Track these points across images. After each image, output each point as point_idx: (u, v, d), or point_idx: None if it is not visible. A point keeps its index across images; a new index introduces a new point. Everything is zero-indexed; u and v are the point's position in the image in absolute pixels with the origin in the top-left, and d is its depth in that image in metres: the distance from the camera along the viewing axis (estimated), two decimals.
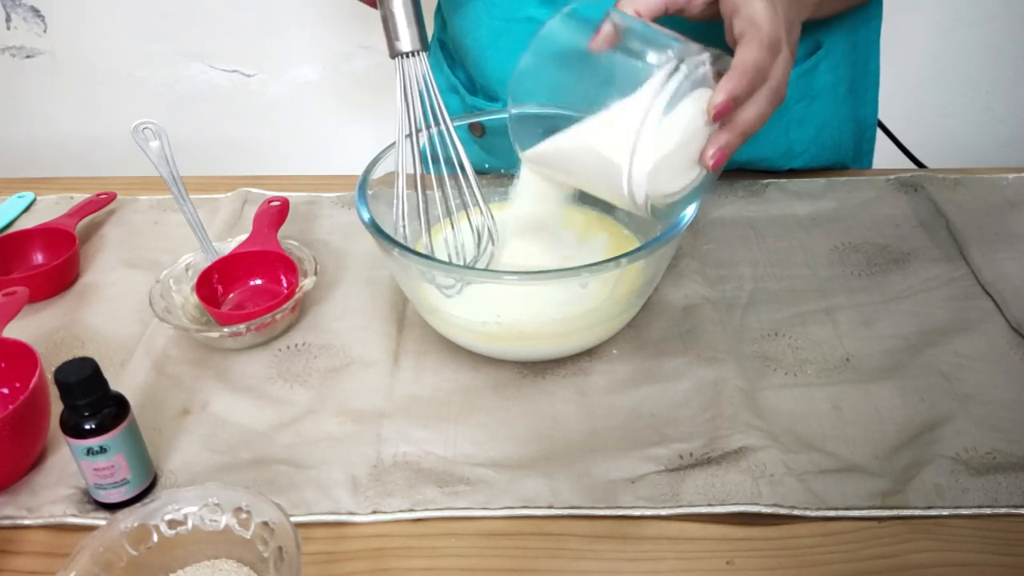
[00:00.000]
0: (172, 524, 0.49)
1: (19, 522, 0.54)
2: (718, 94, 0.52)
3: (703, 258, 0.75)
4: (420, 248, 0.64)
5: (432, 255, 0.65)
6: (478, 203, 0.64)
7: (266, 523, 0.47)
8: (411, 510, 0.54)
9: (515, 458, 0.58)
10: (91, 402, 0.51)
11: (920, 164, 0.92)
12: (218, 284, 0.71)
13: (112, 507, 0.54)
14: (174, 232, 0.81)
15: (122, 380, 0.64)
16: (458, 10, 0.84)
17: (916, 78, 1.46)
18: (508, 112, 0.58)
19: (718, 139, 0.54)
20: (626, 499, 0.54)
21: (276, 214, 0.76)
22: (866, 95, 0.87)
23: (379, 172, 0.67)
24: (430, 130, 0.63)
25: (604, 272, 0.56)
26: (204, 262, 0.72)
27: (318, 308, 0.72)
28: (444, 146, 0.64)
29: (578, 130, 0.56)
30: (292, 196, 0.82)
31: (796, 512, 0.53)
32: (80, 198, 0.85)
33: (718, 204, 0.82)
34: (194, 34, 1.44)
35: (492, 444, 0.59)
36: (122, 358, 0.67)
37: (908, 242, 0.76)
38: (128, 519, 0.48)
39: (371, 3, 0.64)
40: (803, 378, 0.63)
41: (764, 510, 0.53)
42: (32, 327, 0.70)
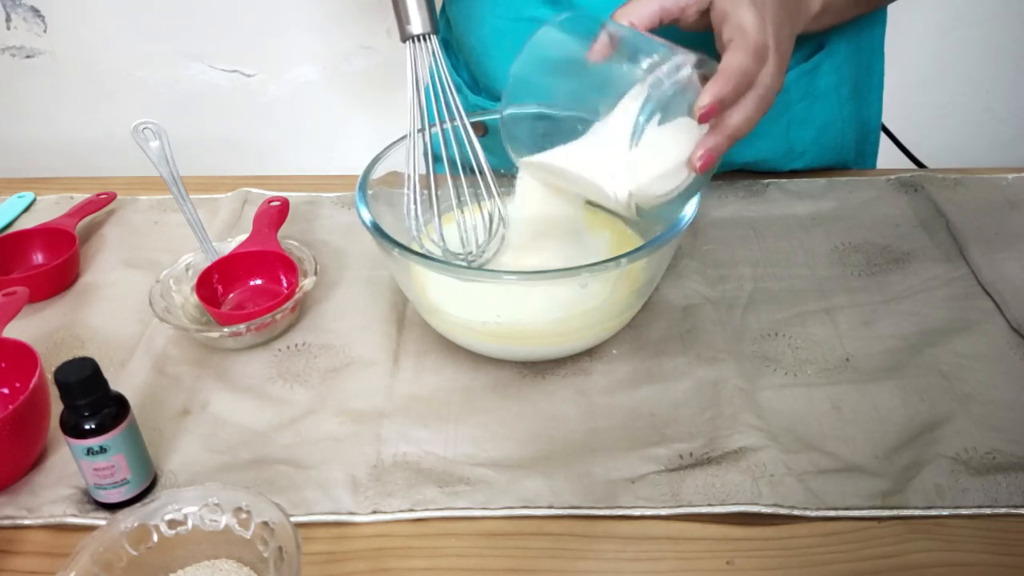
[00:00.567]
0: (172, 524, 0.49)
1: (19, 522, 0.54)
2: (704, 96, 0.53)
3: (703, 258, 0.75)
4: (432, 232, 0.64)
5: (443, 241, 0.65)
6: (490, 186, 0.64)
7: (266, 523, 0.47)
8: (411, 510, 0.54)
9: (515, 458, 0.58)
10: (91, 402, 0.51)
11: (920, 164, 0.92)
12: (218, 284, 0.71)
13: (112, 507, 0.54)
14: (174, 232, 0.81)
15: (122, 380, 0.64)
16: (462, 10, 0.84)
17: (916, 78, 1.46)
18: (500, 114, 0.59)
19: (705, 142, 0.55)
20: (626, 499, 0.54)
21: (276, 214, 0.76)
22: (870, 97, 0.86)
23: (379, 172, 0.67)
24: (440, 115, 0.63)
25: (604, 272, 0.56)
26: (204, 262, 0.72)
27: (318, 308, 0.72)
28: (456, 131, 0.64)
29: (565, 150, 0.57)
30: (292, 196, 0.82)
31: (796, 512, 0.53)
32: (80, 198, 0.85)
33: (718, 204, 0.82)
34: (194, 34, 1.44)
35: (492, 444, 0.59)
36: (122, 358, 0.67)
37: (908, 242, 0.76)
38: (128, 519, 0.48)
39: None
40: (803, 378, 0.63)
41: (764, 510, 0.53)
42: (32, 327, 0.70)
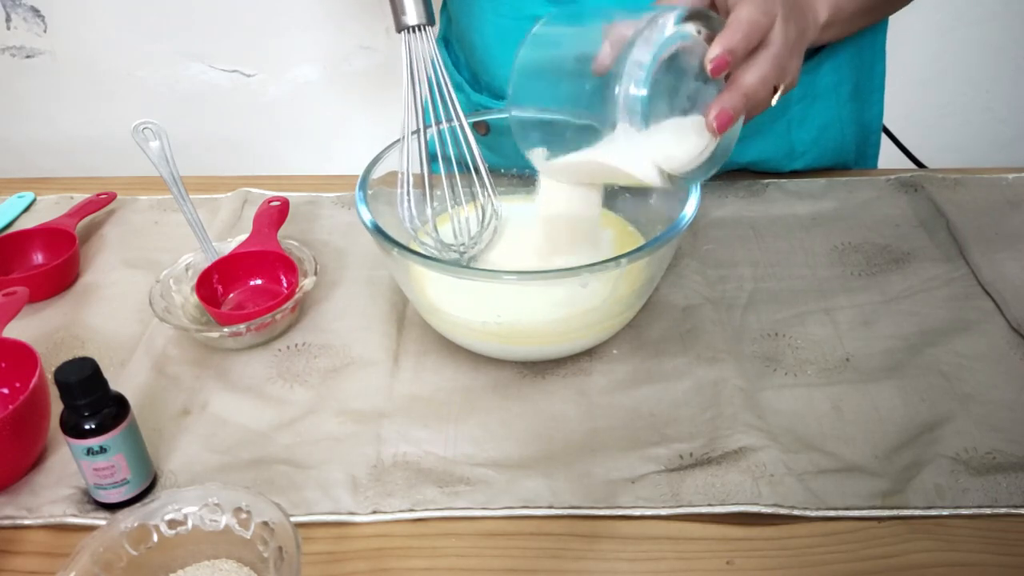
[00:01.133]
0: (172, 524, 0.49)
1: (19, 522, 0.54)
2: (714, 48, 0.51)
3: (703, 258, 0.75)
4: (424, 224, 0.64)
5: (435, 231, 0.65)
6: (483, 180, 0.64)
7: (266, 523, 0.47)
8: (411, 510, 0.54)
9: (515, 458, 0.58)
10: (91, 402, 0.51)
11: (920, 164, 0.92)
12: (218, 284, 0.71)
13: (112, 507, 0.54)
14: (174, 232, 0.81)
15: (122, 380, 0.64)
16: (465, 7, 0.83)
17: (916, 78, 1.46)
18: (508, 113, 0.58)
19: (720, 100, 0.53)
20: (626, 499, 0.54)
21: (276, 214, 0.76)
22: (871, 97, 0.86)
23: (379, 172, 0.67)
24: (435, 107, 0.63)
25: (604, 272, 0.56)
26: (204, 262, 0.72)
27: (318, 308, 0.72)
28: (449, 121, 0.63)
29: (585, 154, 0.57)
30: (292, 196, 0.82)
31: (796, 512, 0.53)
32: (80, 198, 0.85)
33: (718, 204, 0.82)
34: (194, 34, 1.44)
35: (492, 444, 0.59)
36: (122, 358, 0.67)
37: (908, 242, 0.76)
38: (128, 519, 0.48)
39: None
40: (803, 378, 0.63)
41: (764, 510, 0.53)
42: (32, 327, 0.70)
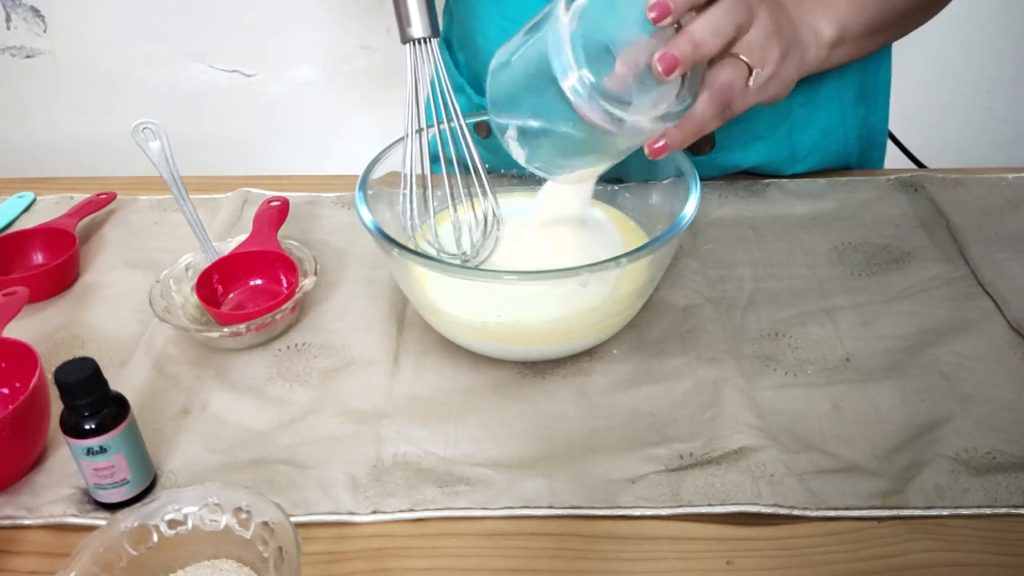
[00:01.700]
0: (172, 524, 0.49)
1: (19, 522, 0.54)
2: None
3: (703, 258, 0.75)
4: (427, 232, 0.64)
5: (437, 240, 0.65)
6: (484, 187, 0.64)
7: (266, 523, 0.47)
8: (411, 510, 0.54)
9: (515, 458, 0.58)
10: (91, 402, 0.51)
11: (920, 164, 0.92)
12: (218, 284, 0.71)
13: (112, 507, 0.54)
14: (174, 232, 0.81)
15: (122, 380, 0.64)
16: (469, 9, 0.83)
17: (916, 78, 1.46)
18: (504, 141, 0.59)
19: (668, 45, 0.53)
20: (626, 499, 0.54)
21: (276, 214, 0.76)
22: (876, 101, 0.86)
23: (379, 172, 0.67)
24: (439, 118, 0.63)
25: (604, 271, 0.56)
26: (204, 262, 0.72)
27: (318, 308, 0.72)
28: (453, 133, 0.64)
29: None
30: (292, 196, 0.82)
31: (796, 512, 0.53)
32: (80, 198, 0.85)
33: (718, 204, 0.82)
34: (194, 34, 1.44)
35: (492, 444, 0.59)
36: (122, 358, 0.67)
37: (908, 242, 0.76)
38: (128, 519, 0.48)
39: None
40: (803, 378, 0.63)
41: (764, 510, 0.53)
42: (32, 327, 0.70)
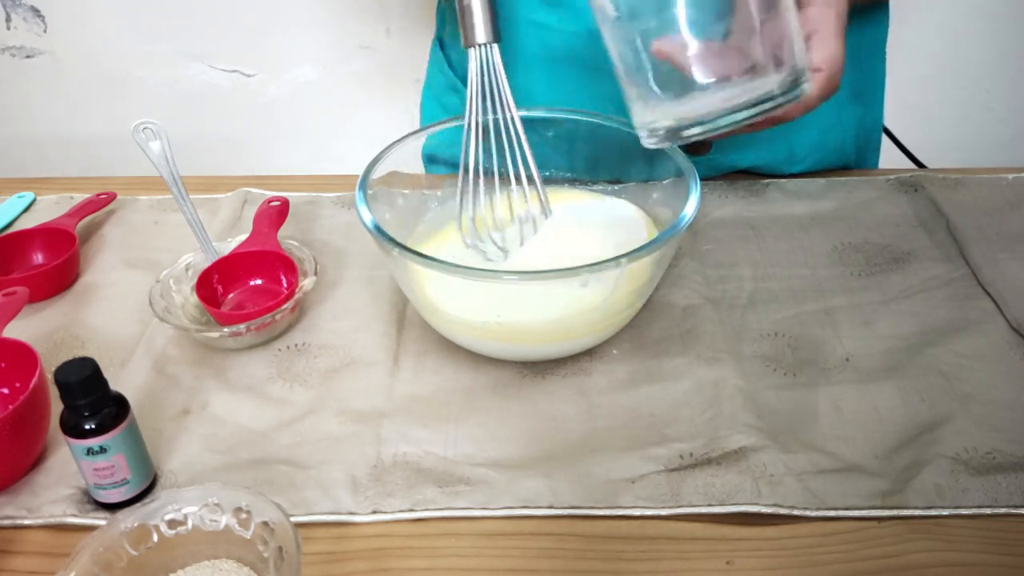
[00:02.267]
0: (172, 524, 0.49)
1: (19, 522, 0.54)
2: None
3: (703, 258, 0.75)
4: (479, 225, 0.67)
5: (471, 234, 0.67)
6: (537, 190, 0.67)
7: (266, 523, 0.47)
8: (411, 510, 0.54)
9: (515, 458, 0.58)
10: (91, 402, 0.51)
11: (920, 164, 0.92)
12: (218, 284, 0.71)
13: (112, 507, 0.54)
14: (174, 232, 0.81)
15: (122, 380, 0.64)
16: None
17: (916, 77, 1.46)
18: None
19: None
20: (626, 499, 0.54)
21: (276, 214, 0.76)
22: (872, 99, 0.86)
23: (379, 172, 0.67)
24: (496, 116, 0.67)
25: (604, 272, 0.56)
26: (204, 262, 0.72)
27: (318, 308, 0.72)
28: (507, 131, 0.66)
29: None
30: (292, 196, 0.82)
31: (796, 512, 0.53)
32: (80, 198, 0.85)
33: (718, 204, 0.82)
34: (194, 34, 1.44)
35: (492, 444, 0.59)
36: (122, 358, 0.67)
37: (908, 242, 0.76)
38: (128, 519, 0.48)
39: None
40: (803, 378, 0.63)
41: (764, 510, 0.53)
42: (32, 327, 0.70)
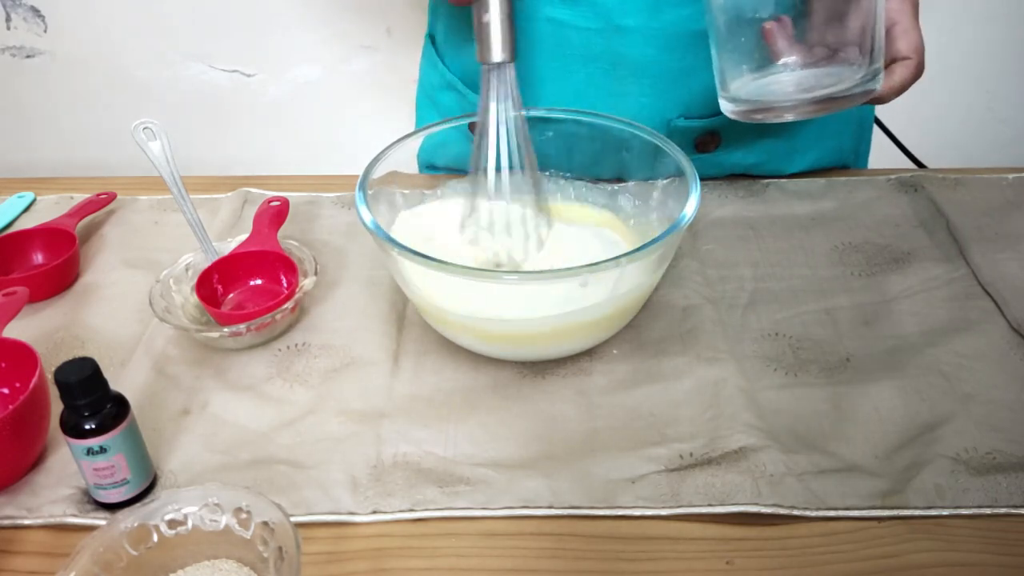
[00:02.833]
0: (172, 524, 0.49)
1: (19, 522, 0.54)
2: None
3: (703, 258, 0.75)
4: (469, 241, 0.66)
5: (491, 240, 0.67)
6: (545, 207, 0.66)
7: (266, 523, 0.47)
8: (411, 510, 0.54)
9: (515, 458, 0.58)
10: (91, 402, 0.51)
11: (920, 164, 0.92)
12: (218, 284, 0.71)
13: (112, 507, 0.54)
14: (174, 232, 0.81)
15: (122, 380, 0.64)
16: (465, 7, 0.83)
17: None
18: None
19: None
20: (626, 499, 0.54)
21: (276, 214, 0.76)
22: None
23: (379, 172, 0.67)
24: (507, 137, 0.65)
25: (604, 272, 0.56)
26: (204, 262, 0.72)
27: (318, 308, 0.71)
28: (519, 151, 0.65)
29: None
30: (292, 196, 0.82)
31: (796, 512, 0.53)
32: (80, 198, 0.85)
33: (718, 204, 0.82)
34: (194, 34, 1.44)
35: (492, 444, 0.59)
36: (122, 358, 0.67)
37: (908, 242, 0.76)
38: (128, 519, 0.48)
39: (459, 1, 0.65)
40: (803, 378, 0.63)
41: (764, 510, 0.53)
42: (32, 327, 0.70)
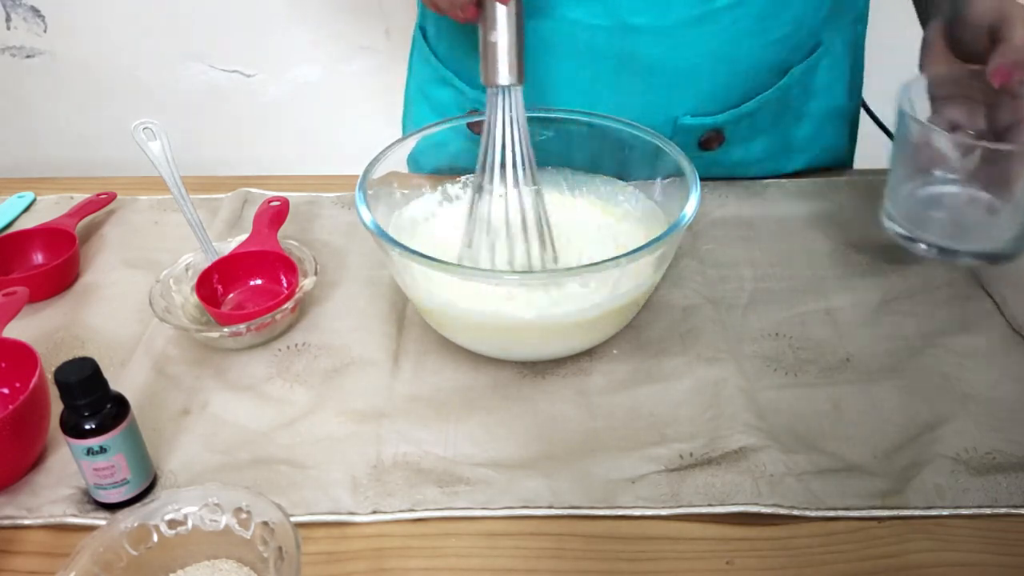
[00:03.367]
0: (172, 524, 0.49)
1: (19, 522, 0.54)
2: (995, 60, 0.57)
3: (703, 258, 0.75)
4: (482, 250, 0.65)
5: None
6: (545, 235, 0.65)
7: (266, 523, 0.47)
8: (411, 510, 0.54)
9: (515, 458, 0.58)
10: (91, 402, 0.51)
11: None
12: (218, 284, 0.71)
13: (112, 507, 0.54)
14: (174, 232, 0.81)
15: (122, 380, 0.64)
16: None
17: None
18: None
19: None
20: (626, 499, 0.54)
21: (276, 214, 0.76)
22: (854, 92, 0.87)
23: (379, 172, 0.67)
24: (514, 160, 0.63)
25: (604, 272, 0.56)
26: (204, 262, 0.72)
27: (318, 308, 0.71)
28: (524, 179, 0.64)
29: None
30: (292, 196, 0.82)
31: (796, 512, 0.53)
32: (80, 198, 0.85)
33: (718, 204, 0.82)
34: (194, 34, 1.44)
35: (492, 444, 0.59)
36: (122, 358, 0.67)
37: None
38: (128, 519, 0.48)
39: (463, 18, 0.62)
40: (803, 378, 0.63)
41: (764, 510, 0.53)
42: (32, 327, 0.70)
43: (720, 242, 0.77)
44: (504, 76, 0.61)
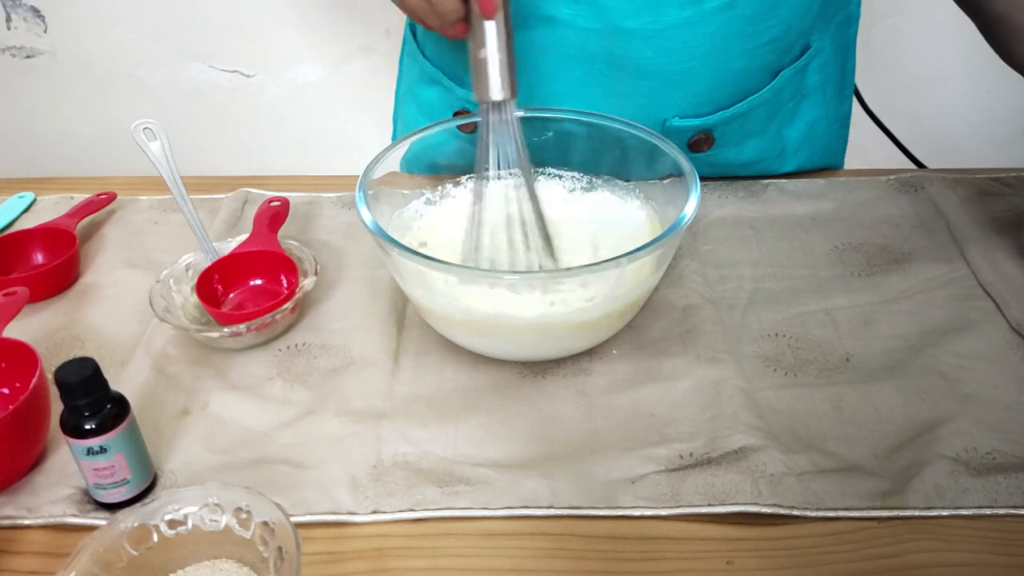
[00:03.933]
0: (172, 524, 0.49)
1: (19, 522, 0.54)
2: None
3: (703, 258, 0.75)
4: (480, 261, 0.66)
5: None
6: (546, 243, 0.65)
7: (266, 523, 0.47)
8: (411, 510, 0.54)
9: (515, 458, 0.58)
10: (91, 402, 0.51)
11: (920, 164, 0.92)
12: (218, 284, 0.71)
13: (112, 507, 0.54)
14: (174, 232, 0.81)
15: (122, 380, 0.64)
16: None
17: (917, 77, 1.46)
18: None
19: None
20: (626, 499, 0.54)
21: (276, 214, 0.76)
22: (844, 92, 0.87)
23: (379, 172, 0.67)
24: (510, 174, 0.64)
25: (604, 272, 0.56)
26: (204, 262, 0.72)
27: (318, 308, 0.72)
28: (519, 194, 0.64)
29: None
30: (292, 196, 0.82)
31: (796, 512, 0.53)
32: (80, 198, 0.85)
33: (718, 204, 0.82)
34: (194, 34, 1.44)
35: (492, 444, 0.59)
36: (122, 358, 0.67)
37: (908, 242, 0.76)
38: (128, 519, 0.48)
39: (452, 35, 0.62)
40: (803, 378, 0.63)
41: (764, 510, 0.53)
42: (32, 327, 0.70)
43: (720, 242, 0.77)
44: (496, 92, 0.61)
